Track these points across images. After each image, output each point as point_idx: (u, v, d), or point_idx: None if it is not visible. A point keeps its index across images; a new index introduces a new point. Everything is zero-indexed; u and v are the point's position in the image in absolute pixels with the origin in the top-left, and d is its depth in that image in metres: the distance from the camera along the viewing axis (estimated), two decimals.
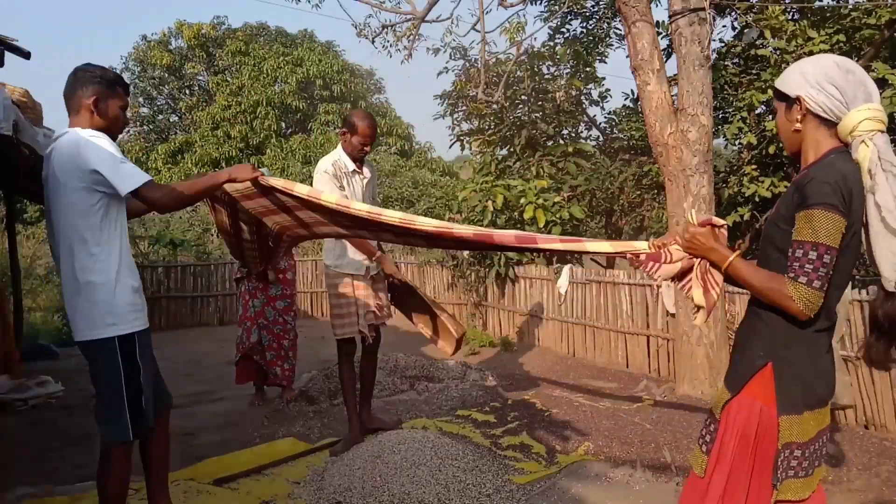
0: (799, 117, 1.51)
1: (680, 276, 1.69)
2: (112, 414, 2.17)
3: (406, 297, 3.81)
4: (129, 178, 2.10)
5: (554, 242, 2.06)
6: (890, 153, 1.40)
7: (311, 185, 3.12)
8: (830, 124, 1.47)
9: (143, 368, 2.21)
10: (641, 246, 1.76)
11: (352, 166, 3.58)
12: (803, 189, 1.43)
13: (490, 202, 6.65)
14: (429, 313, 3.71)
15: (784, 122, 1.56)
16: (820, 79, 1.46)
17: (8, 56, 3.63)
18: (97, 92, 2.22)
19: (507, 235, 2.09)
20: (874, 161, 1.39)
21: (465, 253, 7.03)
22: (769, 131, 5.39)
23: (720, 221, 1.62)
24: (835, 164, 1.43)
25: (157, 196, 2.15)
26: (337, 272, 3.58)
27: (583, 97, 7.95)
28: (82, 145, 2.11)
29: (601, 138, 8.38)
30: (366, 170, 3.66)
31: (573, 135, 8.32)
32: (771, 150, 5.47)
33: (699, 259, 1.62)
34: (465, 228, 2.22)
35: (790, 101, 1.52)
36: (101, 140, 2.14)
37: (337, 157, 3.58)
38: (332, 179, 3.48)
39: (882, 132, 1.42)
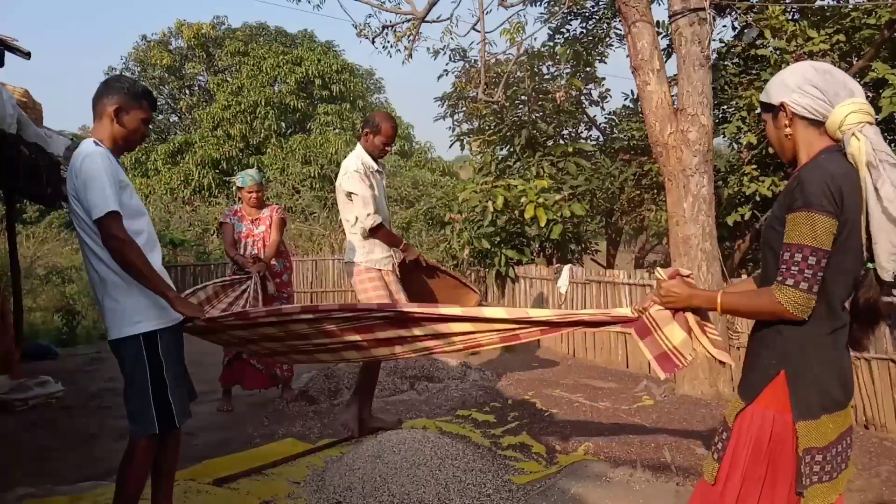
0: (786, 122, 1.53)
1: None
2: (139, 410, 2.21)
3: (420, 287, 3.83)
4: (97, 206, 2.09)
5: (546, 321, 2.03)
6: (882, 143, 1.41)
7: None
8: (818, 124, 1.49)
9: (165, 364, 2.23)
10: (623, 312, 1.82)
11: (375, 165, 3.62)
12: (792, 192, 1.44)
13: (490, 203, 6.65)
14: (449, 289, 3.76)
15: (774, 132, 1.58)
16: (800, 82, 1.49)
17: (8, 56, 3.64)
18: (120, 101, 2.26)
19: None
20: (870, 153, 1.39)
21: (465, 253, 7.03)
22: None
23: (685, 271, 1.69)
24: (823, 164, 1.44)
25: (115, 234, 2.10)
26: (369, 267, 3.59)
27: (583, 97, 7.96)
28: (79, 158, 2.16)
29: (601, 138, 8.38)
30: (382, 169, 3.74)
31: (573, 135, 8.33)
32: (771, 149, 5.48)
33: (685, 311, 1.68)
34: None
35: (775, 110, 1.55)
36: (95, 159, 2.14)
37: (362, 157, 3.60)
38: (363, 178, 3.51)
39: (871, 124, 1.43)
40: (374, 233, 3.54)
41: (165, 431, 2.26)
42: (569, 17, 8.23)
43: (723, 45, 6.47)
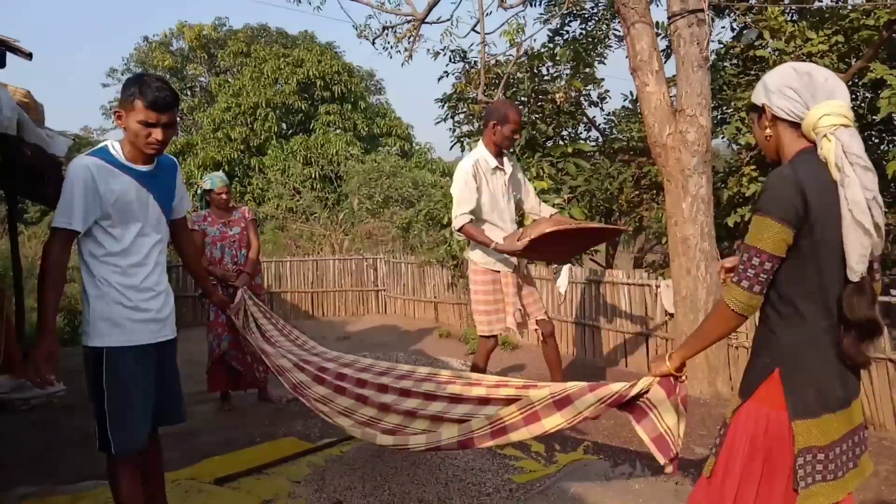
0: (767, 124, 1.58)
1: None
2: (95, 421, 2.14)
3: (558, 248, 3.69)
4: (56, 215, 2.06)
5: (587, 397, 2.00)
6: (855, 146, 1.43)
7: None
8: (797, 126, 1.53)
9: (107, 391, 2.08)
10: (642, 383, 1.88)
11: (493, 163, 3.59)
12: (759, 194, 1.50)
13: None
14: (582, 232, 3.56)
15: (758, 132, 1.64)
16: (779, 84, 1.54)
17: (9, 57, 3.65)
18: (119, 103, 2.12)
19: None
20: (839, 155, 1.43)
21: (466, 253, 7.03)
22: None
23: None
24: (793, 167, 1.48)
25: (47, 247, 2.05)
26: (486, 269, 3.63)
27: (582, 98, 7.96)
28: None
29: (601, 139, 8.38)
30: (507, 164, 3.65)
31: (573, 136, 8.32)
32: None
33: (679, 387, 1.78)
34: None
35: (759, 111, 1.60)
36: (70, 171, 2.07)
37: (478, 156, 3.57)
38: (471, 181, 3.50)
39: (846, 126, 1.46)
40: (461, 232, 3.58)
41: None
42: (568, 19, 8.24)
43: (721, 46, 6.49)
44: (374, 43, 6.94)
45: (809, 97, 1.48)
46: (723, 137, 5.91)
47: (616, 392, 1.89)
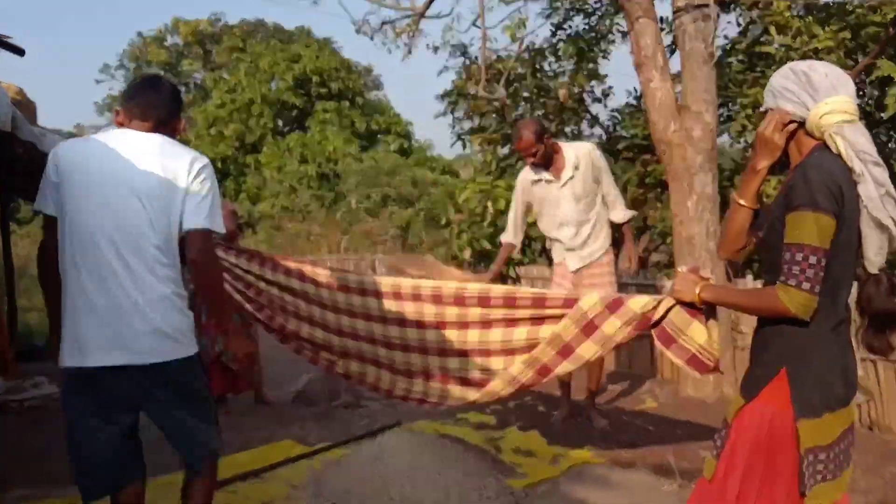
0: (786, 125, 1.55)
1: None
2: (205, 424, 2.03)
3: None
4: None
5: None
6: (862, 142, 1.41)
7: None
8: (804, 125, 1.51)
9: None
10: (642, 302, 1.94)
11: (533, 177, 3.68)
12: (789, 191, 1.45)
13: (490, 203, 6.61)
14: None
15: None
16: (779, 87, 1.53)
17: (2, 53, 3.59)
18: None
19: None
20: (849, 154, 1.41)
21: (466, 253, 6.98)
22: None
23: (707, 273, 1.78)
24: (817, 161, 1.45)
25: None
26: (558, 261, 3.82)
27: (585, 95, 7.90)
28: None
29: (604, 136, 8.33)
30: (565, 172, 3.59)
31: (576, 133, 8.26)
32: None
33: (701, 312, 1.78)
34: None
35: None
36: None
37: (526, 170, 3.73)
38: (517, 196, 3.76)
39: (849, 122, 1.43)
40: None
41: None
42: (571, 14, 8.17)
43: (727, 41, 6.43)
44: (372, 38, 6.88)
45: (808, 97, 1.47)
46: (729, 135, 5.86)
47: (639, 314, 1.92)
